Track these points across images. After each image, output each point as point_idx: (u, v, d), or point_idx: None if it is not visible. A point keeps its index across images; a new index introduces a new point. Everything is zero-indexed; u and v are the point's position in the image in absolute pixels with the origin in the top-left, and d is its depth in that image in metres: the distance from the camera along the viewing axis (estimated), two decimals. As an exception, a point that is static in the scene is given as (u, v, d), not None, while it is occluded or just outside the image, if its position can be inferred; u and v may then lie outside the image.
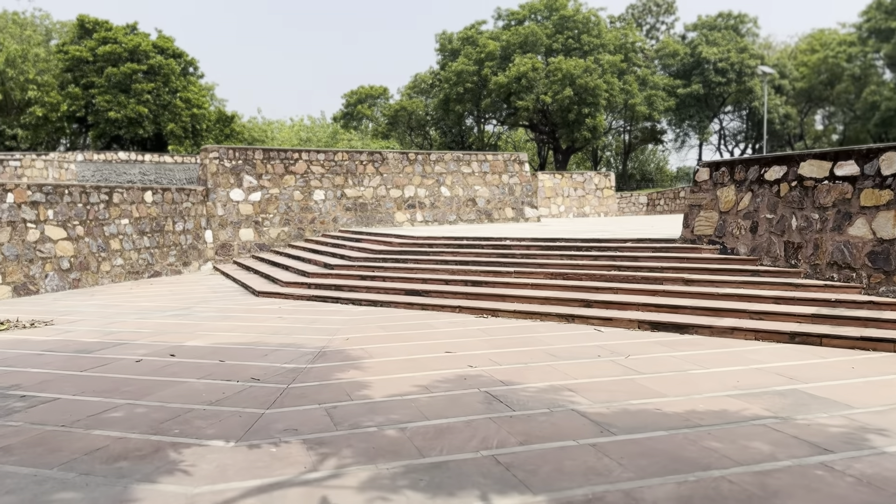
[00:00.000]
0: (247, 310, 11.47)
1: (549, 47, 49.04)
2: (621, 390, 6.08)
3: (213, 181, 19.56)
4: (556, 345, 8.04)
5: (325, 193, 20.92)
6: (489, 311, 10.19)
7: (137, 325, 10.14)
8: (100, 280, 15.55)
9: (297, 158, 20.62)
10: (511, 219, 23.35)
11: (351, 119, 66.94)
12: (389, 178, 21.79)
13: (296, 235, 20.47)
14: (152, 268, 17.33)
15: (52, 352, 8.19)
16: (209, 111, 48.35)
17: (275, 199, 20.29)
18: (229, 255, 19.64)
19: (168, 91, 44.23)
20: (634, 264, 10.97)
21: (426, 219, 22.16)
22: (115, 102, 41.36)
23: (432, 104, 56.38)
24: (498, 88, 47.40)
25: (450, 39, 53.93)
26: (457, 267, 12.53)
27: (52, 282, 14.19)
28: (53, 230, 14.37)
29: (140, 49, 42.92)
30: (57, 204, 14.51)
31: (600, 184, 30.77)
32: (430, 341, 8.41)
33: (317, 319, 10.29)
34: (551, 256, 12.25)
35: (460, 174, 22.75)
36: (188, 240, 18.71)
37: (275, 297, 12.91)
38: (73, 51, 41.13)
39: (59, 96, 40.74)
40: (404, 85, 67.15)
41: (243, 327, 9.72)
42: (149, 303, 12.59)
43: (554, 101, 45.81)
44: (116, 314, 11.20)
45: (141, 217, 17.12)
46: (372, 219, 21.42)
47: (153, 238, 17.46)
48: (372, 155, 21.73)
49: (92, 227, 15.51)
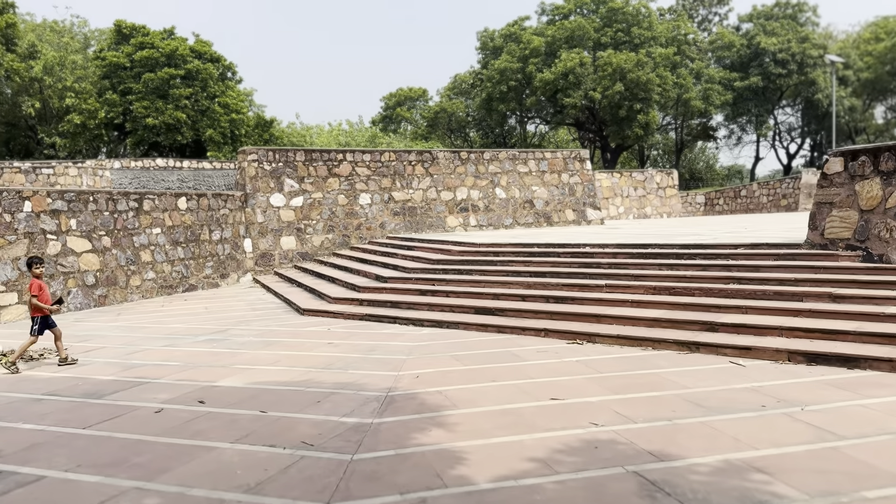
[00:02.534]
0: (291, 333, 9.80)
1: (597, 41, 46.86)
2: (835, 471, 4.19)
3: (252, 185, 18.07)
4: (694, 387, 6.15)
5: (372, 197, 19.27)
6: (584, 335, 8.34)
7: (164, 355, 8.54)
8: (129, 296, 14.10)
9: (341, 160, 19.02)
10: (572, 221, 21.40)
11: (390, 122, 65.59)
12: (440, 179, 20.05)
13: (340, 243, 18.87)
14: (187, 281, 15.86)
15: (55, 396, 6.60)
16: (248, 116, 47.38)
17: (318, 205, 18.72)
18: (270, 266, 18.12)
19: (206, 96, 43.30)
20: (757, 276, 9.01)
21: (480, 223, 20.36)
22: (152, 108, 40.53)
23: (473, 105, 54.62)
24: (543, 86, 45.41)
25: (492, 37, 52.14)
26: (533, 280, 10.69)
27: (75, 299, 12.76)
28: (76, 241, 12.96)
29: (177, 54, 42.05)
30: (81, 212, 13.10)
31: (662, 182, 28.61)
32: (524, 380, 6.60)
33: (375, 346, 8.57)
34: (646, 266, 10.33)
35: (516, 174, 20.91)
36: (226, 249, 17.22)
37: (322, 315, 11.24)
38: (110, 57, 40.43)
39: (97, 103, 40.05)
40: (443, 86, 65.46)
41: (288, 358, 8.03)
42: (180, 324, 11.02)
43: (604, 98, 43.65)
44: (142, 339, 9.63)
45: (174, 225, 15.67)
46: (422, 224, 19.71)
47: (188, 248, 16.00)
48: (421, 155, 20.03)
49: (120, 237, 14.08)
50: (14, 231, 11.70)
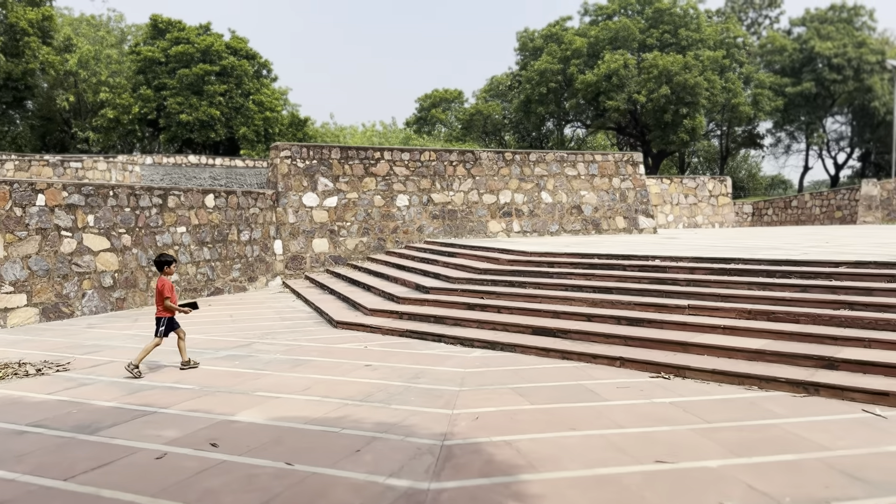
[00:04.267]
0: (323, 351, 8.61)
1: (642, 43, 45.23)
2: None
3: (285, 183, 17.00)
4: (835, 447, 4.80)
5: (410, 199, 18.09)
6: (669, 367, 7.00)
7: (178, 374, 7.40)
8: (149, 300, 13.07)
9: (378, 158, 17.87)
10: (622, 230, 19.99)
11: (424, 123, 64.59)
12: (482, 181, 18.80)
13: (375, 247, 17.71)
14: (213, 284, 14.82)
15: (41, 427, 5.48)
16: (282, 115, 46.70)
17: (353, 205, 17.59)
18: (301, 269, 17.03)
19: (241, 93, 42.66)
20: (872, 300, 7.59)
21: (524, 229, 19.06)
22: (186, 105, 39.95)
23: (511, 107, 53.31)
24: (585, 88, 43.91)
25: (531, 37, 50.78)
26: (598, 296, 9.37)
27: (90, 302, 11.76)
28: (94, 239, 11.96)
29: (213, 49, 41.44)
30: (99, 208, 12.10)
31: (715, 190, 27.00)
32: (612, 429, 5.31)
33: (420, 372, 7.33)
34: (732, 285, 8.95)
35: (564, 177, 19.57)
36: (255, 251, 16.17)
37: (358, 329, 10.04)
38: (145, 51, 39.95)
39: (131, 98, 39.59)
40: (479, 88, 64.33)
41: (320, 385, 6.83)
42: (201, 334, 9.91)
43: (648, 101, 42.00)
44: (156, 353, 8.52)
45: (201, 224, 14.65)
46: (462, 228, 18.47)
47: (214, 249, 14.96)
48: (463, 155, 18.80)
49: (142, 235, 13.07)
50: (25, 226, 10.72)
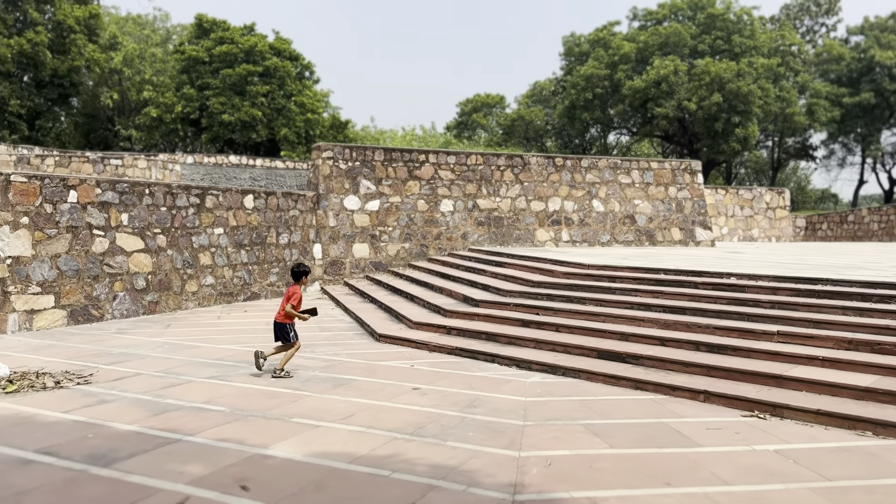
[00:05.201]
0: (366, 369, 7.85)
1: (693, 49, 43.89)
2: None
3: (326, 185, 16.37)
4: None
5: (455, 204, 17.31)
6: (763, 405, 6.07)
7: (209, 392, 6.70)
8: (183, 303, 12.51)
9: (423, 161, 17.14)
10: (678, 242, 18.92)
11: (465, 128, 63.96)
12: (531, 187, 17.93)
13: (417, 253, 16.96)
14: (249, 288, 14.22)
15: (50, 456, 4.80)
16: (323, 117, 46.46)
17: (395, 210, 16.87)
18: (340, 275, 16.36)
19: (283, 95, 42.49)
20: None
21: (573, 238, 18.12)
22: (229, 105, 39.89)
23: (555, 113, 52.27)
24: (633, 94, 42.74)
25: (578, 42, 49.76)
26: (669, 317, 8.44)
27: (121, 305, 11.21)
28: (127, 239, 11.41)
29: (256, 50, 41.36)
30: (134, 206, 11.56)
31: (772, 202, 25.69)
32: (714, 486, 4.43)
33: (476, 399, 6.52)
34: (824, 309, 7.95)
35: (617, 184, 18.59)
36: (293, 255, 15.55)
37: (402, 344, 9.27)
38: (189, 51, 40.01)
39: (174, 97, 39.65)
40: (521, 93, 63.40)
41: (364, 411, 6.06)
42: (235, 345, 9.25)
43: (699, 109, 40.64)
44: (186, 366, 7.86)
45: (239, 226, 14.07)
46: (507, 236, 17.62)
47: (252, 252, 14.37)
48: (511, 159, 17.97)
49: (177, 236, 12.51)
50: (55, 224, 10.21)
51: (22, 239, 9.78)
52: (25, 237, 9.83)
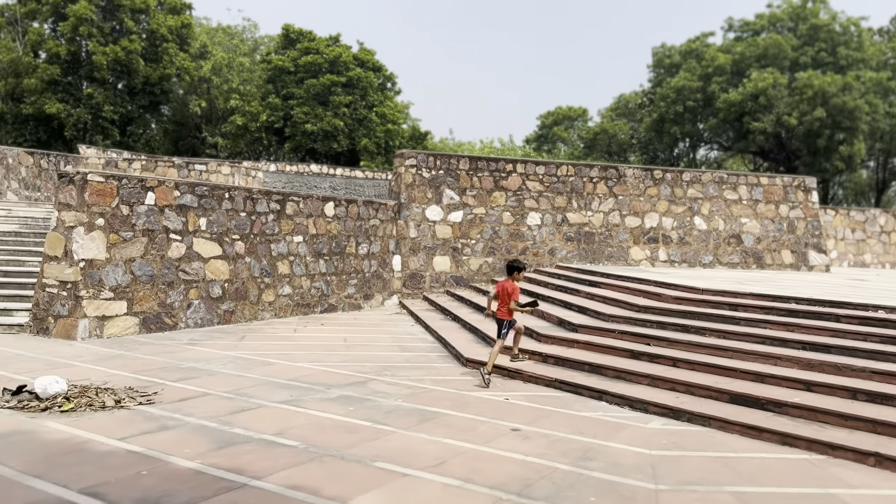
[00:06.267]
0: (455, 401, 6.90)
1: (794, 61, 41.36)
2: None
3: (408, 194, 15.62)
4: None
5: (542, 217, 16.24)
6: (962, 479, 4.78)
7: (281, 421, 5.90)
8: (259, 313, 11.93)
9: (510, 171, 16.18)
10: (789, 265, 17.23)
11: (545, 141, 62.71)
12: (626, 201, 16.68)
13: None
14: (326, 300, 13.57)
15: (94, 499, 4.06)
16: (402, 128, 46.28)
17: (479, 221, 15.96)
18: (419, 289, 15.55)
19: (365, 105, 42.47)
20: None
21: (672, 258, 16.74)
22: (312, 115, 40.10)
23: (641, 126, 50.43)
24: (727, 107, 40.57)
25: (669, 53, 47.84)
26: (811, 356, 7.15)
27: (195, 314, 10.68)
28: (205, 245, 10.90)
29: (340, 60, 41.51)
30: (213, 211, 11.05)
31: (887, 226, 23.43)
32: None
33: (590, 448, 5.47)
34: None
35: (722, 201, 17.10)
36: (372, 266, 14.84)
37: (493, 372, 8.27)
38: (275, 60, 40.47)
39: (260, 106, 40.13)
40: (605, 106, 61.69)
41: (458, 457, 5.11)
42: (310, 363, 8.49)
43: (800, 124, 38.15)
44: (257, 387, 7.12)
45: (318, 234, 13.45)
46: (599, 253, 16.41)
47: (331, 262, 13.73)
48: (605, 171, 16.78)
49: (256, 243, 11.96)
50: (131, 227, 9.76)
51: (96, 241, 9.36)
52: (100, 239, 9.40)
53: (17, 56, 32.00)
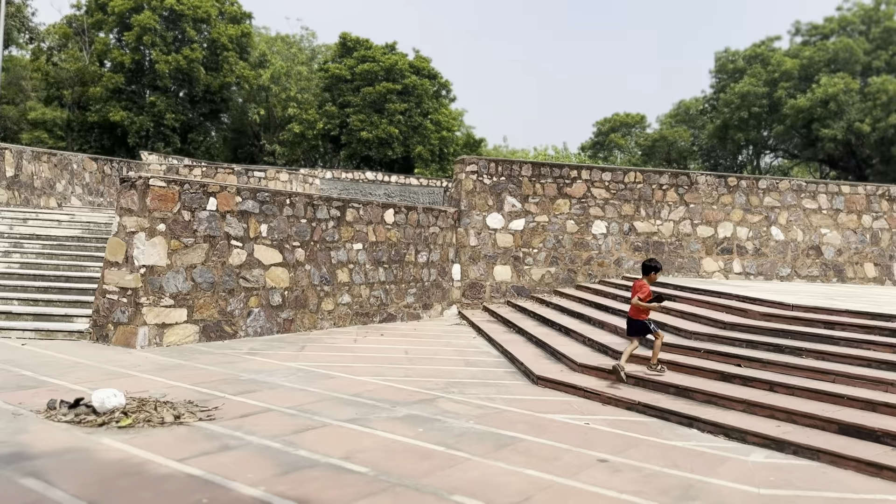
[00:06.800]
0: (532, 424, 6.38)
1: (866, 65, 39.57)
2: None
3: (468, 201, 15.18)
4: None
5: (608, 226, 15.59)
6: None
7: (347, 443, 5.49)
8: (318, 322, 11.63)
9: (574, 177, 15.59)
10: (872, 279, 16.16)
11: (601, 149, 61.62)
12: (698, 209, 15.88)
13: (564, 279, 15.37)
14: (385, 309, 13.21)
15: (152, 533, 3.69)
16: (457, 136, 46.02)
17: (541, 230, 15.40)
18: (479, 299, 15.07)
19: (420, 113, 42.37)
20: None
21: (747, 270, 15.86)
22: (367, 122, 40.18)
23: (703, 133, 49.03)
24: (795, 113, 39.06)
25: (732, 58, 46.40)
26: (932, 383, 6.39)
27: (255, 322, 10.43)
28: (265, 252, 10.67)
29: (396, 68, 41.50)
30: (274, 217, 10.81)
31: (978, 237, 21.85)
32: None
33: (689, 485, 4.89)
34: None
35: (800, 210, 16.15)
36: (431, 275, 14.44)
37: (566, 390, 7.74)
38: (332, 69, 40.71)
39: (316, 114, 40.42)
40: (664, 113, 60.16)
41: (544, 492, 4.60)
42: (373, 377, 8.10)
43: (873, 131, 36.40)
44: (320, 402, 6.75)
45: (378, 242, 13.12)
46: (669, 264, 15.65)
47: (390, 270, 13.38)
48: (676, 177, 16.04)
49: (316, 251, 11.69)
50: (192, 233, 9.56)
51: (157, 247, 9.18)
52: (161, 245, 9.23)
53: (84, 65, 32.90)
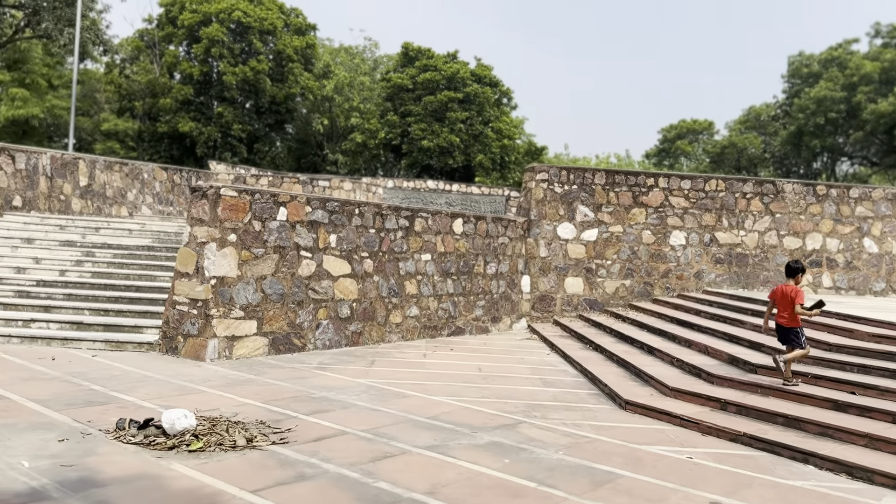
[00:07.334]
0: (628, 458, 5.81)
1: (955, 66, 37.33)
2: None
3: (538, 211, 14.64)
4: None
5: (688, 236, 14.80)
6: None
7: (428, 473, 5.05)
8: (386, 335, 11.28)
9: (651, 186, 14.87)
10: (979, 296, 14.88)
11: (666, 156, 60.00)
12: (784, 219, 14.94)
13: (640, 292, 14.65)
14: (453, 322, 12.78)
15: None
16: (518, 144, 45.48)
17: (616, 241, 14.73)
18: (549, 312, 14.50)
19: (481, 121, 42.04)
20: None
21: (837, 284, 14.82)
22: (429, 131, 40.07)
23: (775, 140, 47.18)
24: (876, 119, 37.16)
25: (807, 62, 44.54)
26: None
27: (324, 335, 10.14)
28: (334, 263, 10.38)
29: (458, 77, 41.31)
30: (343, 227, 10.53)
31: None
32: None
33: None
34: None
35: (895, 220, 15.04)
36: (500, 287, 13.94)
37: (659, 418, 7.12)
38: (395, 78, 40.80)
39: (378, 124, 40.53)
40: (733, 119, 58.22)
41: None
42: (449, 396, 7.66)
43: (965, 135, 34.17)
44: (395, 426, 6.33)
45: (446, 252, 12.72)
46: (753, 277, 14.75)
47: (458, 282, 12.95)
48: (761, 185, 15.13)
49: (384, 261, 11.35)
50: (263, 243, 9.34)
51: (228, 258, 8.98)
52: (232, 256, 9.03)
53: (155, 77, 33.74)
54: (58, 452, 4.97)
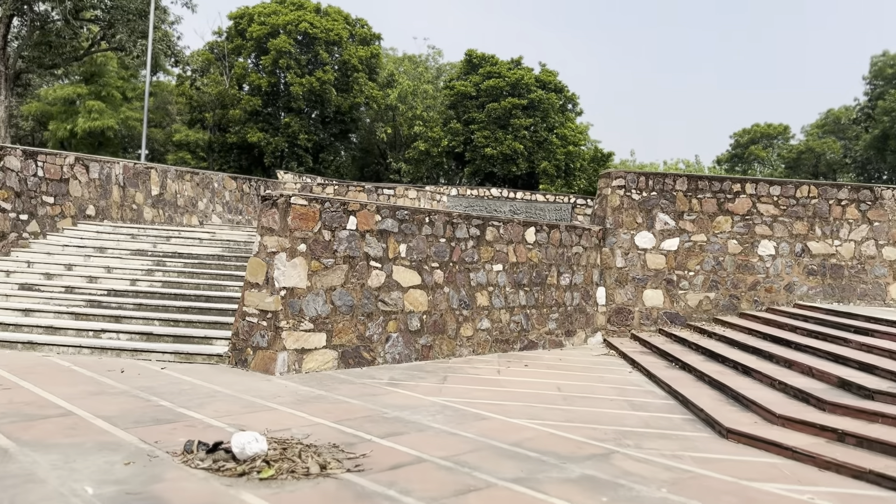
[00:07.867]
0: (740, 497, 5.15)
1: None
2: None
3: (614, 219, 13.95)
4: None
5: (777, 246, 13.85)
6: None
7: (518, 513, 4.54)
8: (457, 349, 10.81)
9: (737, 192, 13.98)
10: None
11: (739, 161, 57.93)
12: (883, 228, 13.83)
13: (725, 306, 13.77)
14: (526, 336, 12.22)
15: None
16: (583, 150, 44.53)
17: (699, 250, 13.90)
18: (626, 326, 13.77)
19: (545, 127, 41.33)
20: None
21: (945, 299, 13.61)
22: (492, 139, 39.61)
23: (857, 145, 44.85)
24: (972, 120, 34.71)
25: (892, 62, 42.21)
26: None
27: (394, 348, 9.75)
28: (404, 273, 9.98)
29: (522, 83, 40.75)
30: (413, 237, 10.13)
31: None
32: None
33: None
34: None
35: None
36: (574, 299, 13.30)
37: (767, 449, 6.40)
38: (458, 86, 40.52)
39: (441, 132, 40.31)
40: (809, 123, 55.77)
41: None
42: (530, 420, 7.12)
43: None
44: (476, 453, 5.84)
45: (518, 262, 12.18)
46: (849, 291, 13.67)
47: (531, 294, 12.38)
48: (857, 192, 14.05)
49: (455, 272, 10.90)
50: (332, 253, 9.02)
51: (298, 268, 8.69)
52: (302, 266, 8.73)
53: (224, 89, 34.37)
54: (123, 478, 4.67)
